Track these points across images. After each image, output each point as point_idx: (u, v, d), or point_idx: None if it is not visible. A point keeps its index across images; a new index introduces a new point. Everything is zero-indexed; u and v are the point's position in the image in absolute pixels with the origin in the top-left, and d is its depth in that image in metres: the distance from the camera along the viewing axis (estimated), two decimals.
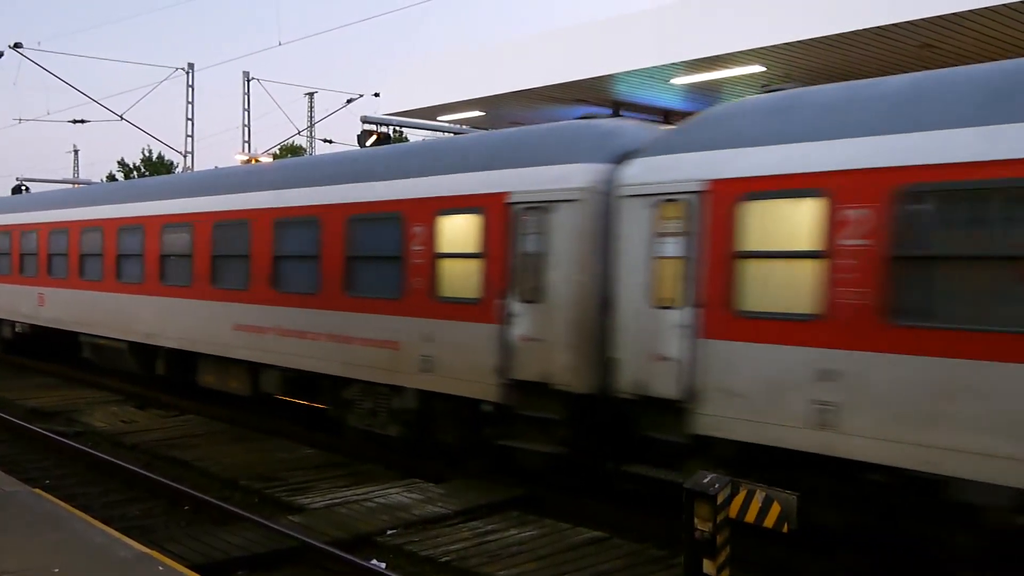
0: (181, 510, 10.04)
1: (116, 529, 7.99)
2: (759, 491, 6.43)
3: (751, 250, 8.05)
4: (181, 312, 15.47)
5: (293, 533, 8.62)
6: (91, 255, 18.43)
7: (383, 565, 8.04)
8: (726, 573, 6.08)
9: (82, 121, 34.40)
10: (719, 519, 6.01)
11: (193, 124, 34.74)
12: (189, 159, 34.95)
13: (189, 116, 34.80)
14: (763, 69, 17.57)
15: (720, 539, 6.02)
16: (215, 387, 15.22)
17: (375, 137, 17.75)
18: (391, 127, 17.65)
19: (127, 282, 17.14)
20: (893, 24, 14.56)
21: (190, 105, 35.00)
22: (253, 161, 24.63)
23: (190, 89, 34.96)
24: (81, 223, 18.89)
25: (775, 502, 6.62)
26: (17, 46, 28.68)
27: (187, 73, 34.79)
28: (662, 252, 8.75)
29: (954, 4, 13.78)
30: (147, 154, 62.27)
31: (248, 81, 36.79)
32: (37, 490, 9.20)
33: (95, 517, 8.39)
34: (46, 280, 20.32)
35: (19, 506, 8.40)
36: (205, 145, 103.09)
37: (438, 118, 23.40)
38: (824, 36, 15.48)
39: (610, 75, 18.97)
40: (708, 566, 5.99)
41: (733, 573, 6.16)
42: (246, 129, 36.88)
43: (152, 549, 7.39)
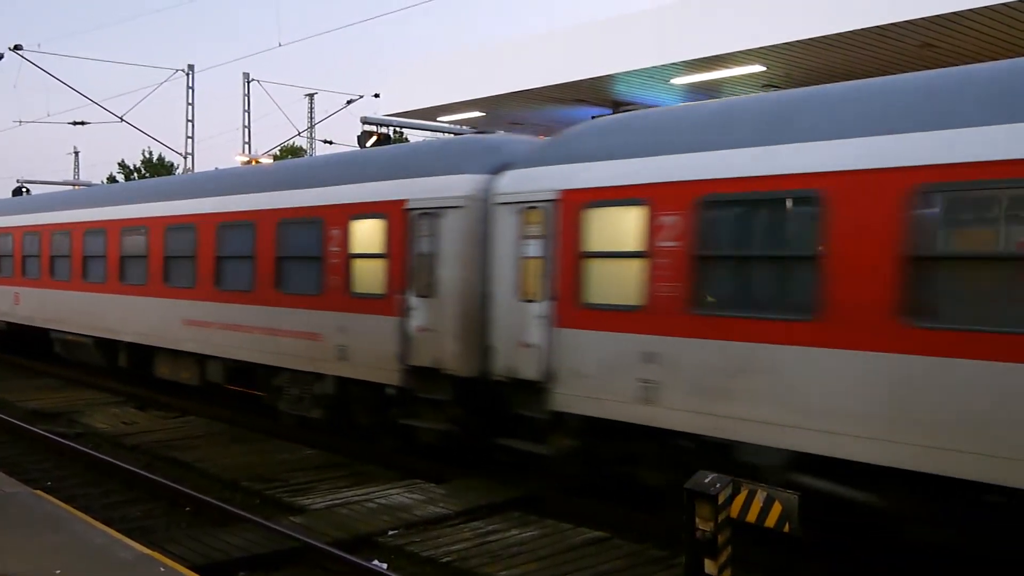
0: (182, 511, 10.04)
1: (117, 530, 7.99)
2: (760, 491, 6.43)
3: (593, 251, 9.37)
4: (138, 309, 16.81)
5: (294, 534, 8.61)
6: (60, 256, 19.78)
7: (384, 566, 8.04)
8: (727, 573, 6.07)
9: (82, 123, 34.39)
10: (720, 519, 6.01)
11: (193, 125, 34.78)
12: (189, 160, 34.96)
13: (189, 117, 34.83)
14: (763, 69, 17.58)
15: (721, 539, 6.02)
16: (169, 378, 16.51)
17: (375, 138, 17.72)
18: (391, 128, 17.62)
19: (92, 282, 18.44)
20: (893, 23, 14.57)
21: (190, 106, 35.03)
22: (253, 162, 24.62)
23: (190, 90, 34.98)
24: (51, 227, 20.25)
25: (776, 502, 6.62)
26: (17, 48, 28.69)
27: (187, 74, 34.80)
28: (526, 252, 10.03)
29: (954, 3, 13.79)
30: (148, 155, 62.25)
31: (248, 82, 36.81)
32: (38, 491, 9.19)
33: (96, 518, 8.38)
34: (21, 280, 21.74)
35: (20, 507, 8.40)
36: (206, 147, 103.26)
37: (438, 119, 23.39)
38: (824, 36, 15.49)
39: (610, 75, 18.98)
40: (710, 566, 5.99)
41: (734, 573, 6.16)
42: (246, 130, 36.91)
43: (153, 550, 7.38)
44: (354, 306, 12.08)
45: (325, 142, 39.21)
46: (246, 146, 36.64)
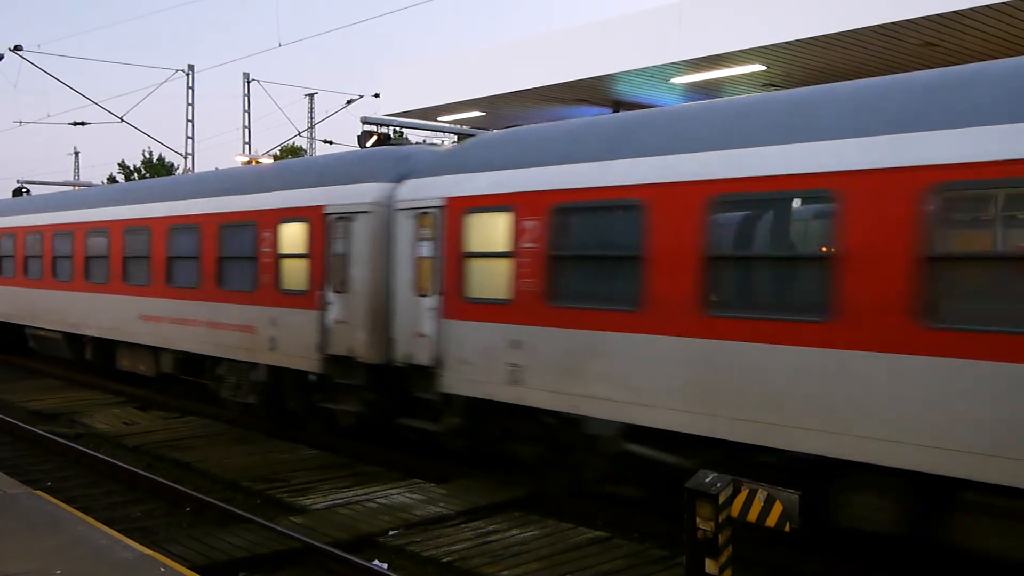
0: (183, 511, 10.04)
1: (118, 531, 7.99)
2: (761, 491, 6.42)
3: (472, 251, 10.58)
4: (101, 306, 18.20)
5: (295, 534, 8.61)
6: (33, 257, 21.34)
7: (385, 566, 8.04)
8: (728, 573, 6.07)
9: (82, 123, 34.41)
10: (721, 519, 6.00)
11: (193, 126, 34.79)
12: (189, 161, 34.97)
13: (189, 118, 34.84)
14: (764, 68, 17.56)
15: (722, 539, 6.01)
16: (129, 369, 17.86)
17: (375, 138, 17.72)
18: (391, 128, 17.61)
19: (60, 280, 19.94)
20: (894, 22, 14.55)
21: (190, 107, 35.04)
22: (254, 162, 24.63)
23: (190, 91, 34.99)
24: (24, 229, 21.92)
25: (777, 501, 6.61)
26: (17, 49, 28.72)
27: (187, 75, 34.81)
28: (420, 253, 11.25)
29: (955, 2, 13.76)
30: (148, 156, 62.26)
31: (248, 82, 36.81)
32: (39, 492, 9.19)
33: (97, 519, 8.39)
34: None
35: (21, 508, 8.40)
36: (206, 147, 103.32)
37: (438, 118, 23.38)
38: (825, 35, 15.47)
39: (610, 75, 18.97)
40: (710, 566, 5.98)
41: (735, 573, 6.15)
42: (246, 130, 36.92)
43: (154, 550, 7.38)
44: (282, 301, 13.31)
45: (325, 142, 39.24)
46: (246, 146, 36.65)
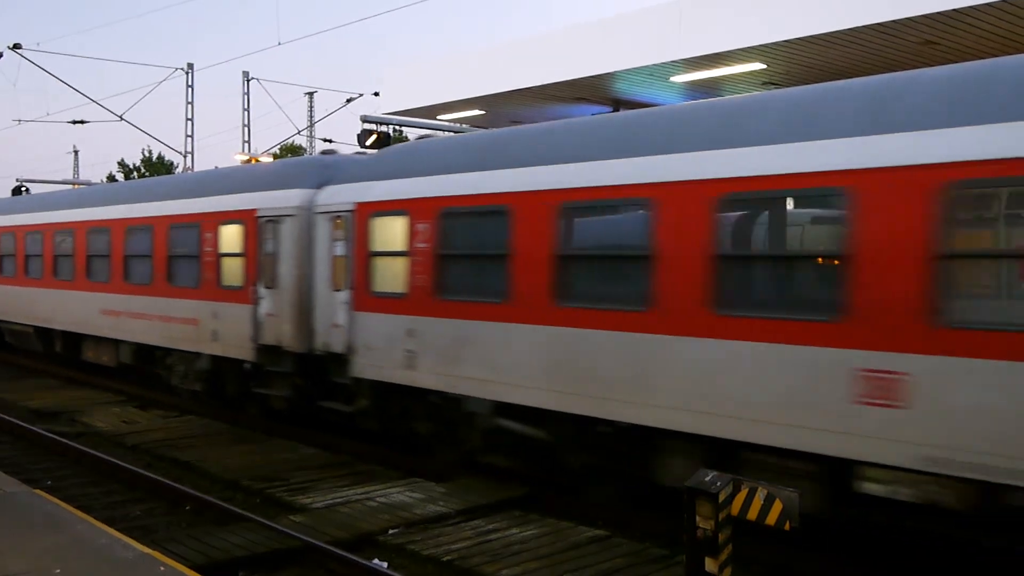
0: (183, 511, 10.04)
1: (118, 530, 7.98)
2: (760, 489, 6.42)
3: (377, 250, 11.82)
4: (68, 301, 19.61)
5: (295, 533, 8.61)
6: (7, 256, 22.77)
7: (385, 565, 8.04)
8: (728, 572, 6.06)
9: (82, 122, 34.40)
10: (721, 517, 5.99)
11: (193, 124, 34.80)
12: (189, 159, 34.96)
13: (189, 116, 34.84)
14: (763, 66, 17.54)
15: (722, 537, 6.00)
16: (94, 360, 19.19)
17: (375, 136, 17.71)
18: (391, 126, 17.62)
19: (32, 278, 21.47)
20: (893, 20, 14.53)
21: (190, 105, 35.03)
22: (253, 161, 24.62)
23: (190, 89, 34.98)
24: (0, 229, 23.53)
25: (777, 500, 6.61)
26: (16, 47, 28.70)
27: (187, 73, 34.79)
28: (336, 252, 12.51)
29: (954, 0, 13.75)
30: (147, 154, 62.23)
31: (248, 81, 36.81)
32: (38, 491, 9.19)
33: (96, 518, 8.38)
34: None
35: (20, 507, 8.39)
36: (205, 145, 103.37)
37: (438, 117, 23.36)
38: (824, 33, 15.46)
39: (610, 73, 18.95)
40: (710, 564, 5.98)
41: (735, 572, 6.15)
42: (246, 129, 36.91)
43: (154, 550, 7.38)
44: (223, 296, 14.62)
45: (325, 141, 39.24)
46: (246, 145, 36.64)
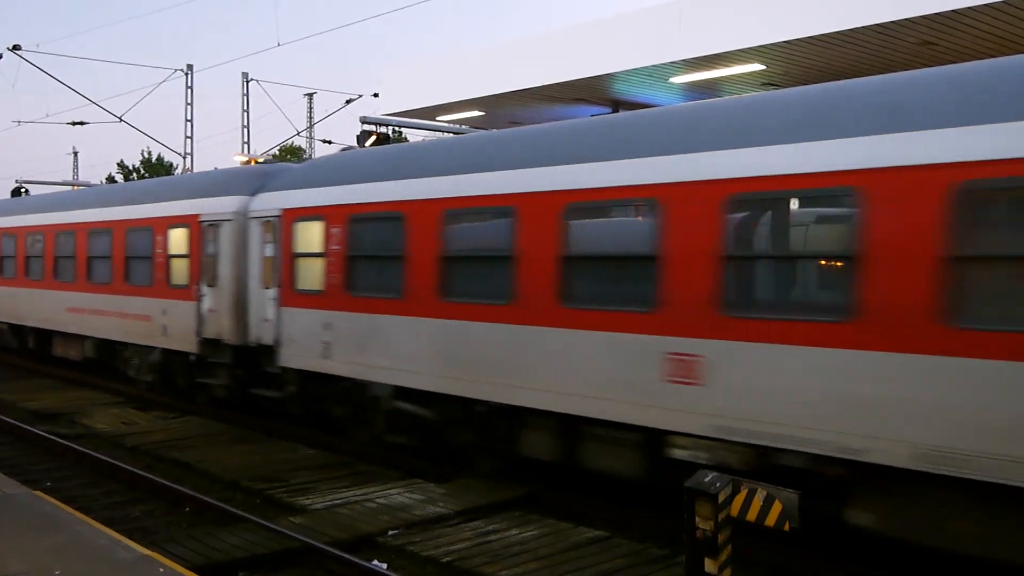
0: (182, 511, 10.04)
1: (117, 531, 7.99)
2: (760, 490, 6.43)
3: (299, 251, 13.08)
4: (38, 300, 21.10)
5: (294, 534, 8.61)
6: None
7: (384, 566, 8.04)
8: (728, 572, 6.07)
9: (81, 123, 34.38)
10: (720, 518, 6.00)
11: (192, 125, 34.77)
12: (188, 160, 34.95)
13: (188, 117, 34.83)
14: (762, 67, 17.55)
15: (721, 538, 6.01)
16: (62, 355, 20.48)
17: (374, 138, 17.71)
18: (390, 127, 17.60)
19: (6, 277, 22.93)
20: (892, 21, 14.53)
21: (189, 106, 35.02)
22: (252, 162, 24.58)
23: (189, 90, 34.97)
24: None
25: (776, 501, 6.62)
26: (16, 48, 28.69)
27: (186, 74, 34.78)
28: (266, 253, 13.90)
29: (953, 1, 13.75)
30: (147, 155, 62.19)
31: (247, 82, 36.79)
32: (38, 492, 9.20)
33: (96, 519, 8.39)
34: None
35: (20, 508, 8.40)
36: (205, 146, 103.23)
37: (437, 118, 23.35)
38: (823, 34, 15.45)
39: (609, 74, 18.95)
40: (710, 565, 5.98)
41: (734, 572, 6.15)
42: (245, 130, 36.90)
43: (153, 551, 7.38)
44: (171, 294, 16.00)
45: (324, 142, 39.22)
46: (245, 146, 36.62)
